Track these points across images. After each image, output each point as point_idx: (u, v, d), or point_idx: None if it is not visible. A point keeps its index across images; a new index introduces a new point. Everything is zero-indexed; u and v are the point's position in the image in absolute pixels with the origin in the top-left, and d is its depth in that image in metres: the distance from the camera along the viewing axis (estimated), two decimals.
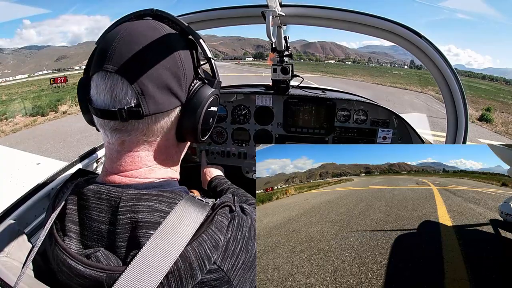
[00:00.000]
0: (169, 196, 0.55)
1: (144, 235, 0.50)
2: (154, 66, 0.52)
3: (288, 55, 1.68)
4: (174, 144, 0.61)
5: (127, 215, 0.51)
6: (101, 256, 0.50)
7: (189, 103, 0.57)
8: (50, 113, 12.89)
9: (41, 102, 14.91)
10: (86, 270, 0.49)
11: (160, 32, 0.54)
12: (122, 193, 0.53)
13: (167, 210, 0.52)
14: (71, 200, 0.56)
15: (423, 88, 24.28)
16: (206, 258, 0.51)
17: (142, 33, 0.53)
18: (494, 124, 12.73)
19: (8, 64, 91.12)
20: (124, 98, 0.51)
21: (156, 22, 0.57)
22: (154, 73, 0.52)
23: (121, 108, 0.51)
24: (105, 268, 0.49)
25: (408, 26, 1.15)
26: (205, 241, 0.51)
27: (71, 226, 0.55)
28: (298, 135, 1.88)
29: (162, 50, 0.53)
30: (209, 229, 0.52)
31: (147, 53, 0.52)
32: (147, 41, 0.52)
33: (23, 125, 11.13)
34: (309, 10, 1.22)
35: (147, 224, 0.51)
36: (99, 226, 0.53)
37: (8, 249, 0.64)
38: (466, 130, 1.23)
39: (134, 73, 0.51)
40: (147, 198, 0.53)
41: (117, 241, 0.51)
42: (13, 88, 26.48)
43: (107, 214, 0.53)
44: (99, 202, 0.54)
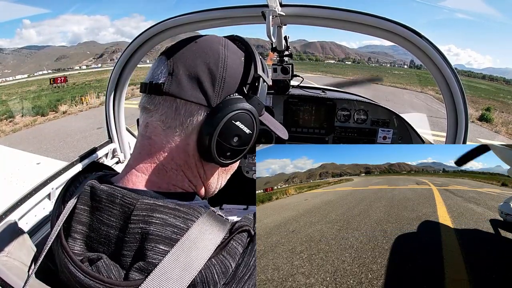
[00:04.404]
0: (186, 212, 0.51)
1: (153, 249, 0.48)
2: (194, 56, 0.55)
3: (288, 55, 1.68)
4: (195, 154, 0.58)
5: (138, 225, 0.49)
6: (102, 267, 0.48)
7: (216, 109, 0.54)
8: (50, 113, 12.89)
9: (41, 102, 14.92)
10: (85, 279, 0.48)
11: (219, 40, 0.59)
12: (137, 201, 0.51)
13: (181, 226, 0.50)
14: (81, 200, 0.54)
15: (423, 88, 24.29)
16: (212, 283, 0.47)
17: (202, 35, 0.59)
18: (494, 124, 12.73)
19: (8, 64, 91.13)
20: (157, 74, 0.56)
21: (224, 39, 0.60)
22: (191, 61, 0.55)
23: (151, 81, 0.55)
24: (104, 281, 0.47)
25: (408, 26, 1.15)
26: (213, 265, 0.48)
27: (77, 226, 0.53)
28: (298, 135, 1.88)
29: (208, 46, 0.57)
30: (221, 255, 0.49)
31: (195, 45, 0.57)
32: (200, 38, 0.58)
33: (23, 125, 11.13)
34: (309, 10, 1.22)
35: (157, 238, 0.48)
36: (108, 230, 0.51)
37: (8, 249, 0.64)
38: (466, 130, 1.23)
39: (174, 56, 0.56)
40: (162, 211, 0.50)
41: (124, 249, 0.49)
42: (13, 88, 26.49)
43: (118, 220, 0.51)
44: (112, 206, 0.52)
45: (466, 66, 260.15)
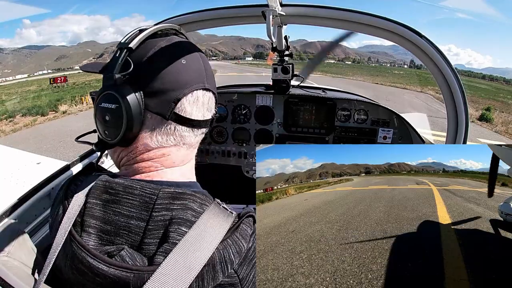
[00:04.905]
0: (201, 198, 0.56)
1: (176, 231, 0.51)
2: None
3: (289, 54, 1.68)
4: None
5: (162, 213, 0.52)
6: (126, 255, 0.49)
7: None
8: (50, 113, 12.89)
9: (41, 102, 14.91)
10: (110, 269, 0.48)
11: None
12: (159, 190, 0.54)
13: (198, 210, 0.54)
14: (93, 194, 0.55)
15: (423, 88, 24.26)
16: (230, 262, 0.51)
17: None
18: (494, 124, 12.72)
19: (8, 64, 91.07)
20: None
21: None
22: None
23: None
24: (132, 268, 0.48)
25: (408, 26, 1.15)
26: (229, 245, 0.52)
27: (91, 221, 0.53)
28: (299, 134, 1.88)
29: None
30: (234, 235, 0.53)
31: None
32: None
33: (23, 125, 11.13)
34: (309, 10, 1.22)
35: (179, 221, 0.52)
36: (127, 221, 0.52)
37: (8, 249, 0.64)
38: (466, 130, 1.23)
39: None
40: (182, 197, 0.54)
41: (147, 238, 0.51)
42: (13, 87, 26.47)
43: (139, 210, 0.53)
44: (131, 197, 0.53)
45: (466, 66, 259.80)
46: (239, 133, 1.93)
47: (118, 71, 0.55)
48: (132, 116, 0.54)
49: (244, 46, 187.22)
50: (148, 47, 0.58)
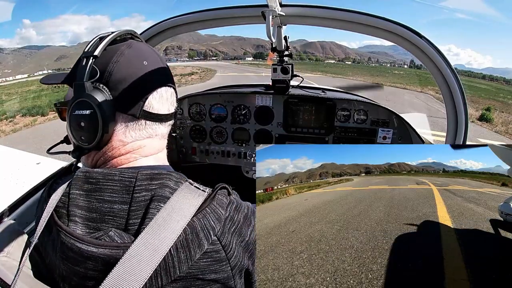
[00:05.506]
0: (177, 177, 0.60)
1: (156, 207, 0.54)
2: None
3: (288, 55, 1.68)
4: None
5: (142, 193, 0.55)
6: (115, 235, 0.52)
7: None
8: (50, 113, 12.88)
9: (41, 102, 14.90)
10: (99, 250, 0.50)
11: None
12: (137, 173, 0.57)
13: (174, 187, 0.58)
14: (75, 185, 0.57)
15: (423, 88, 24.26)
16: (211, 228, 0.55)
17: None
18: (494, 124, 12.71)
19: (8, 64, 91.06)
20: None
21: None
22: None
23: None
24: (121, 245, 0.50)
25: (408, 26, 1.15)
26: (208, 213, 0.56)
27: (76, 210, 0.55)
28: (298, 135, 1.88)
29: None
30: (212, 205, 0.57)
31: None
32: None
33: (23, 125, 11.14)
34: (309, 10, 1.22)
35: (158, 197, 0.55)
36: (111, 206, 0.55)
37: (7, 249, 0.64)
38: (466, 130, 1.24)
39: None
40: (159, 177, 0.58)
41: (131, 219, 0.54)
42: (13, 87, 26.47)
43: (121, 194, 0.55)
44: (112, 183, 0.56)
45: (466, 66, 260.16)
46: (239, 133, 1.93)
47: (87, 78, 0.58)
48: (107, 119, 0.58)
49: (244, 46, 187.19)
50: (111, 53, 0.61)
